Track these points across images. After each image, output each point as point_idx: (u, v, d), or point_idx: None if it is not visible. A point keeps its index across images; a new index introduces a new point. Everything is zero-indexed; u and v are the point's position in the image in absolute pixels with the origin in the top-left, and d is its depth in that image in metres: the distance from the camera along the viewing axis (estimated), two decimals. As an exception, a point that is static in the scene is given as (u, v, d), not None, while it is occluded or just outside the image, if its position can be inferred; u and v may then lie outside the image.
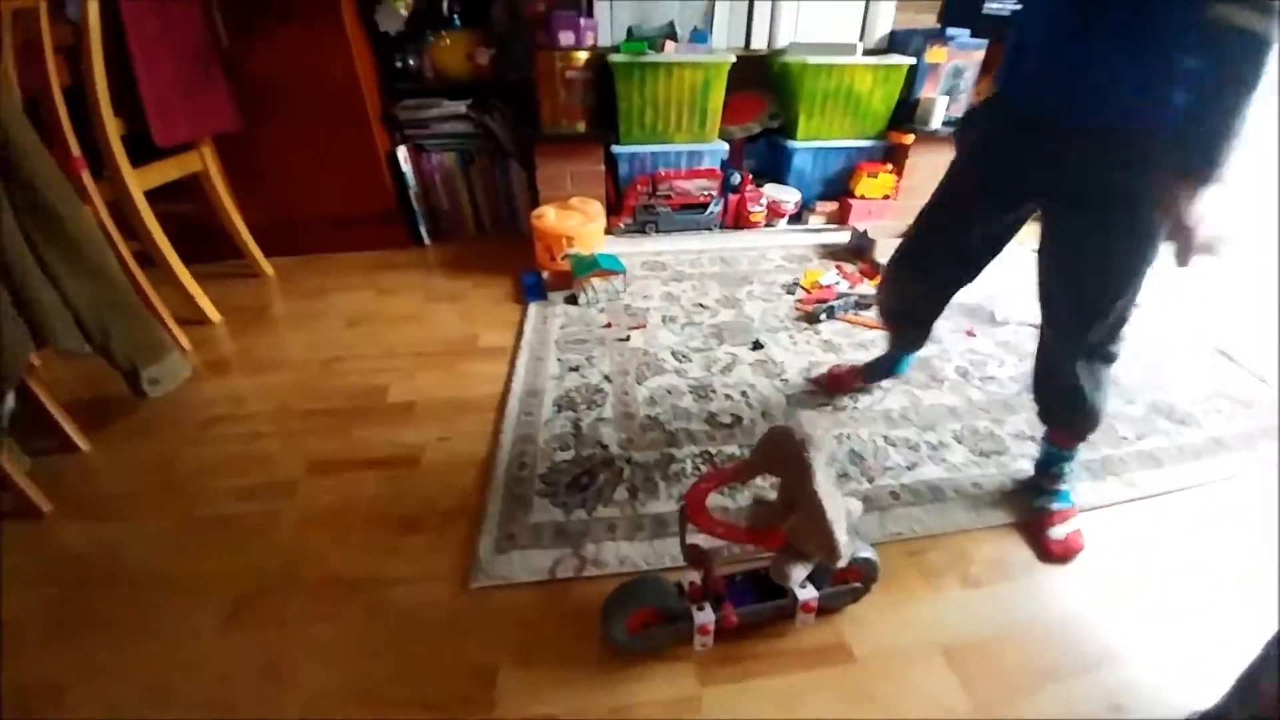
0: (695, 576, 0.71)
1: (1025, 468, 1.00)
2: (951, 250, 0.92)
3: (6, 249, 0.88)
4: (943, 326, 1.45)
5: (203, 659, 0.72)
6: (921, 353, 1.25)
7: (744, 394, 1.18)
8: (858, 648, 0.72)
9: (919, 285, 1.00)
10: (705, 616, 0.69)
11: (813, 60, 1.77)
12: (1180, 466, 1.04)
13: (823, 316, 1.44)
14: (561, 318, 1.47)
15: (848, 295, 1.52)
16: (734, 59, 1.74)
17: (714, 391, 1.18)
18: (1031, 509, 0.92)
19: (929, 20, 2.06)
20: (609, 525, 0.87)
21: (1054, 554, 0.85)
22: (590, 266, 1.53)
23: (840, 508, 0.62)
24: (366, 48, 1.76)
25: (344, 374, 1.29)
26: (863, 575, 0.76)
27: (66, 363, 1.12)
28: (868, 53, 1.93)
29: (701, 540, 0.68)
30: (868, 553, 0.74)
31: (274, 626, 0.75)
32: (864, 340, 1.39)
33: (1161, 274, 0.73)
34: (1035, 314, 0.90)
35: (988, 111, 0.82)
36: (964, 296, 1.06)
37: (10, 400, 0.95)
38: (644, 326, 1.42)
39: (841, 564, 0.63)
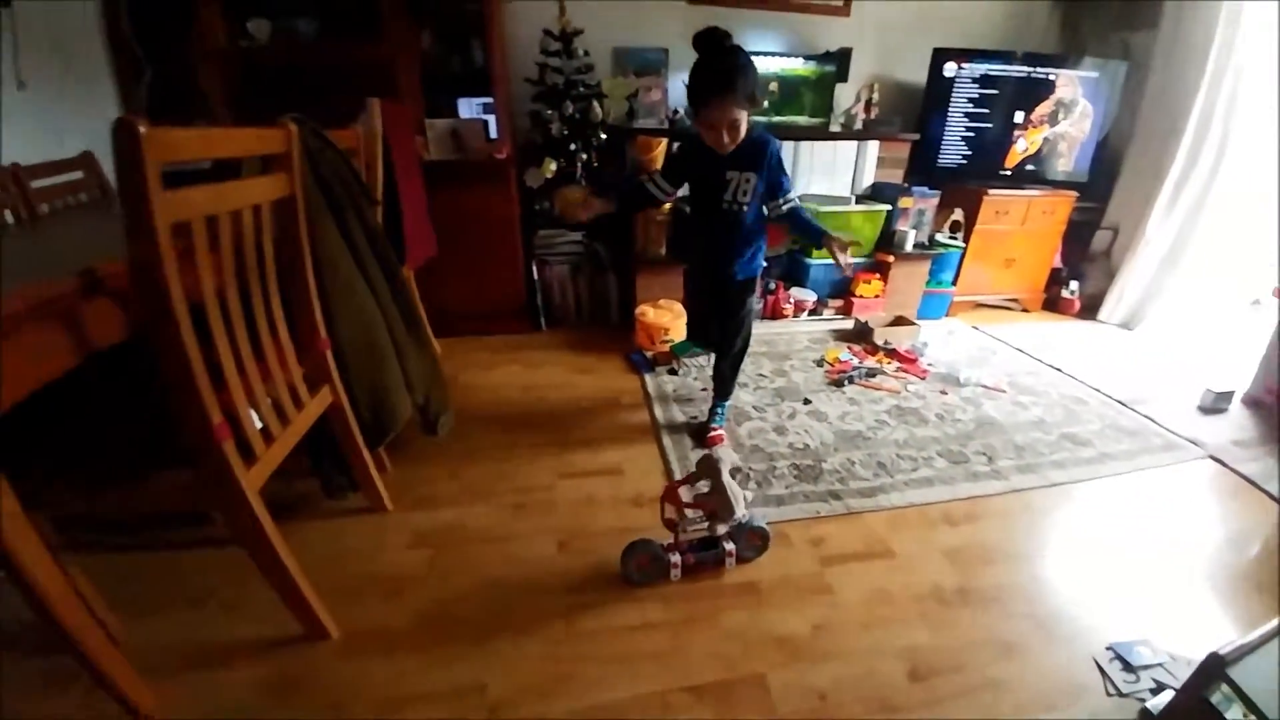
0: (669, 539, 1.26)
1: (982, 470, 1.70)
2: (705, 319, 1.84)
3: (399, 335, 1.52)
4: (924, 387, 2.18)
5: (548, 569, 1.32)
6: (910, 404, 1.99)
7: (806, 430, 1.87)
8: (897, 551, 1.38)
9: (704, 337, 1.90)
10: (675, 559, 1.24)
11: (823, 208, 2.61)
12: (1077, 469, 1.75)
13: (846, 383, 2.16)
14: (670, 384, 2.17)
15: (860, 367, 2.25)
16: (771, 208, 2.56)
17: (788, 430, 1.87)
18: (707, 426, 1.82)
19: (898, 175, 2.97)
20: (751, 502, 1.52)
21: (713, 444, 1.75)
22: (686, 349, 2.24)
23: (739, 494, 1.25)
24: (517, 196, 2.53)
25: (541, 422, 1.93)
26: (761, 538, 1.32)
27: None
28: (858, 199, 2.79)
29: (672, 515, 1.26)
30: (762, 524, 1.32)
31: (586, 553, 1.37)
32: (875, 397, 2.10)
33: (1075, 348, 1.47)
34: (989, 379, 1.63)
35: (691, 270, 1.86)
36: (938, 367, 1.81)
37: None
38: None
39: (739, 519, 1.26)
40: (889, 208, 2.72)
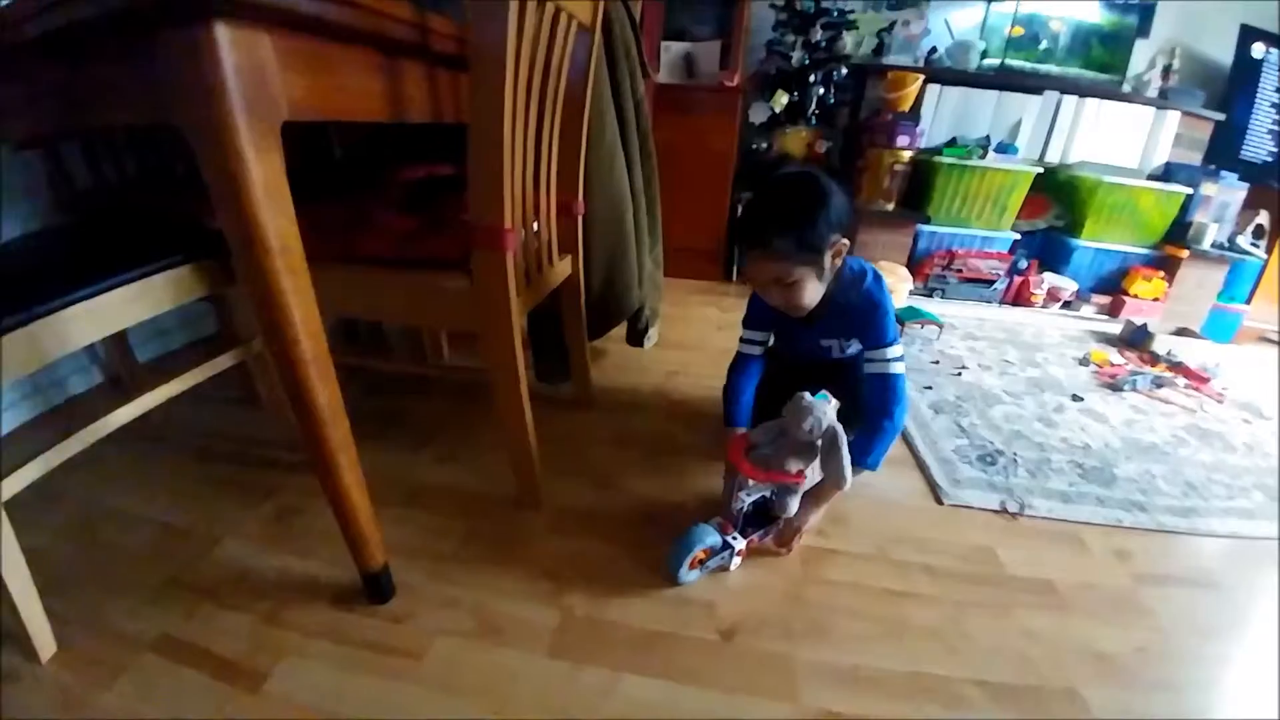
0: (720, 517, 0.94)
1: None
2: None
3: (642, 226, 1.40)
4: (1223, 412, 1.68)
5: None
6: (1211, 427, 1.57)
7: (1083, 429, 1.49)
8: (1222, 583, 1.01)
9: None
10: (740, 543, 0.92)
11: (1107, 179, 2.12)
12: None
13: (1126, 387, 1.72)
14: (890, 350, 1.87)
15: (1141, 373, 1.79)
16: (1041, 170, 2.14)
17: (1057, 423, 1.51)
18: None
19: (1195, 159, 2.37)
20: (1026, 489, 1.22)
21: None
22: (915, 315, 1.93)
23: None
24: (738, 132, 2.36)
25: (740, 360, 1.76)
26: None
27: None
28: (1147, 178, 2.25)
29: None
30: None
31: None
32: (1165, 410, 1.65)
33: None
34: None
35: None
36: (1233, 393, 1.34)
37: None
38: (966, 368, 1.78)
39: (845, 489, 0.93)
40: (1189, 191, 2.15)
